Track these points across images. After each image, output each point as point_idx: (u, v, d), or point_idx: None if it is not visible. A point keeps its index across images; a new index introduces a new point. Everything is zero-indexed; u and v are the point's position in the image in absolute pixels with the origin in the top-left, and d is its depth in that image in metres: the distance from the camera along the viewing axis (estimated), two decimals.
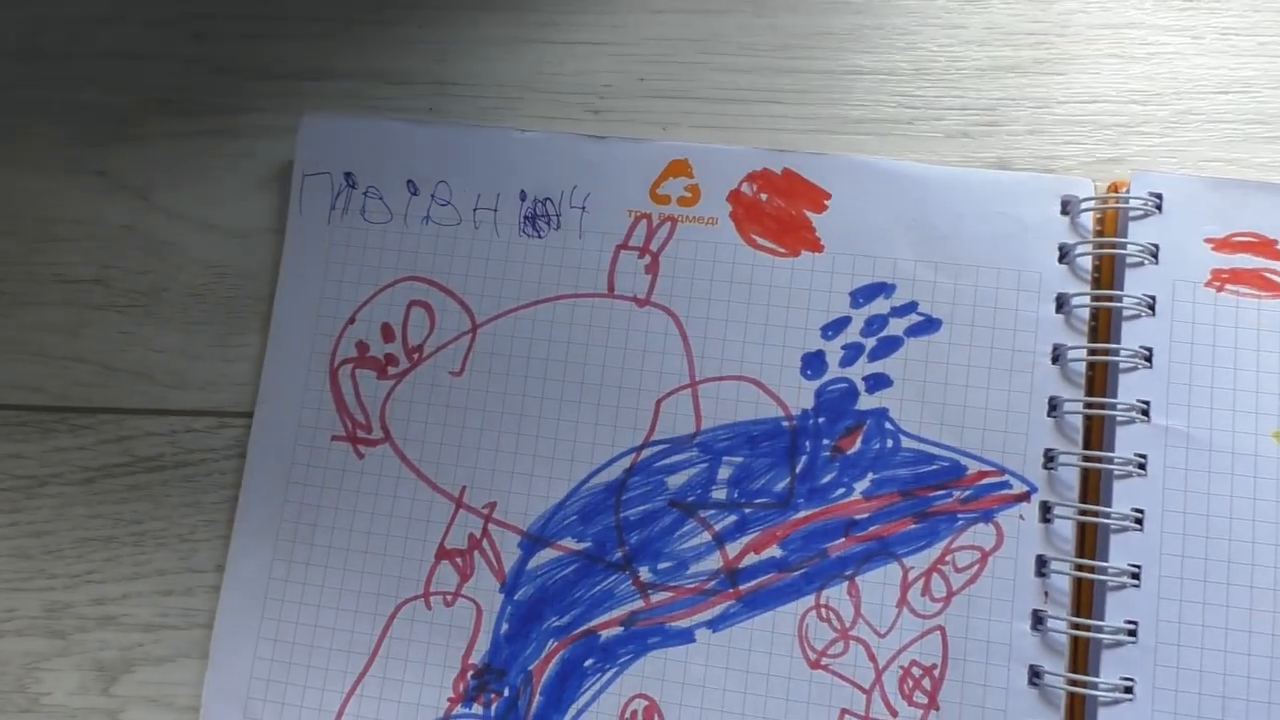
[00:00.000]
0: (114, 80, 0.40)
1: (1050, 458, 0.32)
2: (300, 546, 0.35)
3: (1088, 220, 0.33)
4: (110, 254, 0.39)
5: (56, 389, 0.38)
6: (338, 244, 0.36)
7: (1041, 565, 0.32)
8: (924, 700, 0.32)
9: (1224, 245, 0.32)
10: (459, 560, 0.34)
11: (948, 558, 0.32)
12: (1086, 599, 0.31)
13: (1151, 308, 0.32)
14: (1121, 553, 0.31)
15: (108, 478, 0.37)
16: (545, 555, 0.34)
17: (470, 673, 0.34)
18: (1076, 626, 0.31)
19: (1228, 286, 0.32)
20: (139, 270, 0.39)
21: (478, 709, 0.33)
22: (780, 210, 0.34)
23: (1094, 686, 0.30)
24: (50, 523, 0.37)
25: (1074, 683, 0.31)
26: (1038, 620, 0.31)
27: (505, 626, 0.34)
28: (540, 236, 0.36)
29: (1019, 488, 0.32)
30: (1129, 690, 0.30)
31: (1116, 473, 0.31)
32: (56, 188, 0.39)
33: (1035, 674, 0.31)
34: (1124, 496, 0.31)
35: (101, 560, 0.37)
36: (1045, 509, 0.32)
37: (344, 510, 0.35)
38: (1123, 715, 0.30)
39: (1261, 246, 0.32)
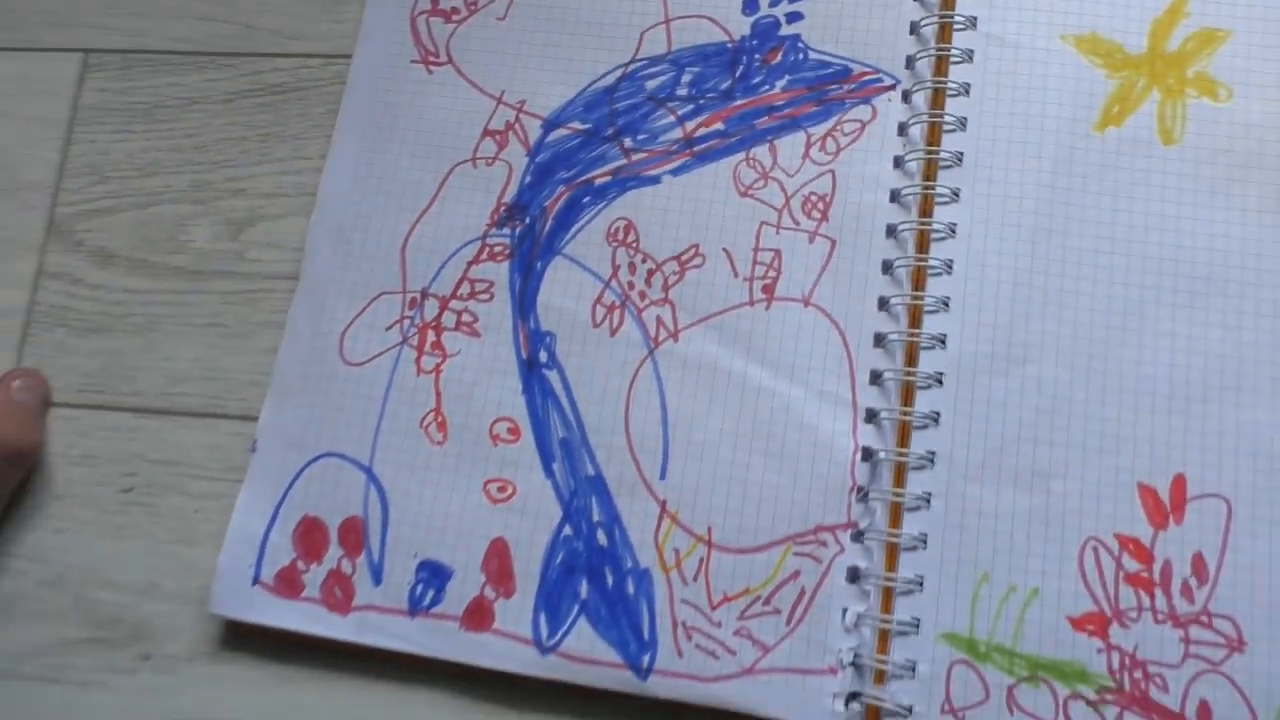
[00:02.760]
0: None
1: (910, 61, 0.46)
2: (383, 132, 0.49)
3: None
4: None
5: (206, 40, 0.53)
6: None
7: (903, 128, 0.46)
8: (818, 215, 0.45)
9: None
10: (498, 137, 0.48)
11: (838, 127, 0.46)
12: (936, 140, 0.45)
13: None
14: (955, 109, 0.45)
15: (243, 99, 0.52)
16: (559, 133, 0.48)
17: (503, 208, 0.47)
18: (929, 158, 0.45)
19: None
20: None
21: (507, 231, 0.47)
22: None
23: (934, 189, 0.44)
24: (198, 129, 0.51)
25: (924, 190, 0.44)
26: (897, 161, 0.45)
27: (529, 178, 0.48)
28: None
29: (889, 81, 0.47)
30: (956, 195, 0.44)
31: (954, 59, 0.46)
32: None
33: (894, 195, 0.45)
34: (958, 75, 0.46)
35: (236, 153, 0.51)
36: (906, 96, 0.46)
37: (416, 108, 0.49)
38: (952, 211, 0.44)
39: None
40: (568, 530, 0.43)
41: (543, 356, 0.45)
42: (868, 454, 0.42)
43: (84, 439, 0.48)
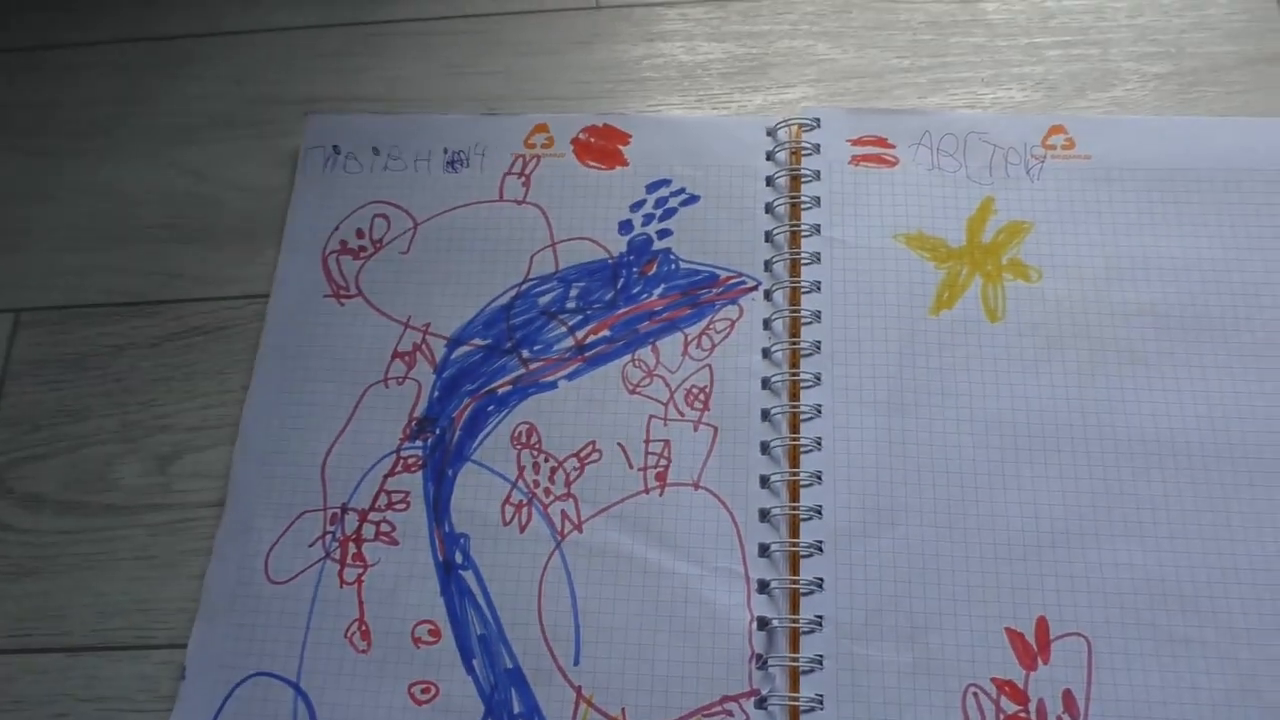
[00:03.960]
0: (184, 109, 0.62)
1: (768, 264, 0.53)
2: (300, 361, 0.53)
3: (785, 136, 0.56)
4: (176, 210, 0.59)
5: (134, 290, 0.57)
6: (328, 186, 0.57)
7: (767, 324, 0.52)
8: (700, 406, 0.50)
9: (858, 142, 0.55)
10: (406, 358, 0.53)
11: (711, 326, 0.52)
12: (796, 333, 0.51)
13: (818, 176, 0.54)
14: (810, 304, 0.51)
15: (168, 341, 0.56)
16: (462, 350, 0.53)
17: (414, 422, 0.51)
18: (792, 348, 0.50)
19: (860, 163, 0.54)
20: (196, 217, 0.58)
21: (419, 443, 0.51)
22: (603, 145, 0.57)
23: (799, 375, 0.50)
24: (127, 372, 0.55)
25: (791, 376, 0.50)
26: (765, 352, 0.51)
27: (436, 393, 0.52)
28: (456, 172, 0.57)
29: (751, 283, 0.53)
30: (818, 380, 0.50)
31: (805, 261, 0.52)
32: (142, 174, 0.60)
33: (765, 382, 0.50)
34: (809, 274, 0.52)
35: (162, 392, 0.55)
36: (767, 294, 0.52)
37: (330, 338, 0.54)
38: (816, 394, 0.49)
39: (878, 142, 0.55)
40: None
41: (458, 558, 0.49)
42: (763, 623, 0.46)
43: (11, 684, 0.49)
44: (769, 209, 0.54)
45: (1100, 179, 0.53)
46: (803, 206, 0.54)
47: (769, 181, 0.55)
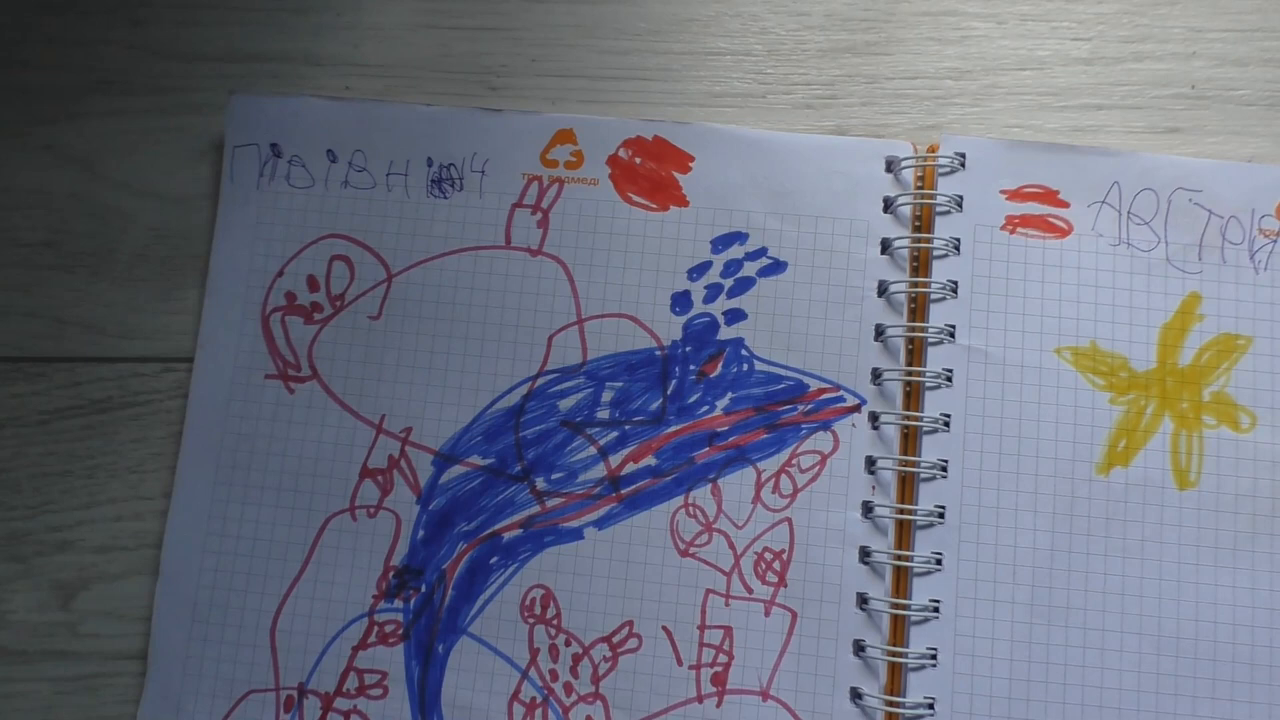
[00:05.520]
0: (60, 63, 0.44)
1: (877, 375, 0.38)
2: (239, 471, 0.40)
3: (909, 176, 0.40)
4: (59, 220, 0.43)
5: (11, 341, 0.43)
6: (266, 206, 0.41)
7: (871, 464, 0.38)
8: (774, 579, 0.38)
9: (1016, 195, 0.39)
10: (380, 478, 0.39)
11: (794, 461, 0.38)
12: (909, 490, 0.38)
13: (957, 248, 0.39)
14: (933, 450, 0.37)
15: (61, 419, 0.42)
16: (455, 471, 0.39)
17: (391, 573, 0.39)
18: (900, 512, 0.37)
19: (1019, 229, 0.39)
20: (86, 234, 0.43)
21: (398, 604, 0.39)
22: (652, 171, 0.40)
23: (911, 559, 0.37)
24: (9, 461, 0.42)
25: (897, 558, 0.37)
26: (868, 509, 0.38)
27: (421, 533, 0.39)
28: (445, 197, 0.41)
29: (852, 401, 0.39)
30: (939, 562, 0.37)
31: (928, 384, 0.38)
32: (9, 162, 0.44)
33: (865, 553, 0.37)
34: (935, 404, 0.38)
35: (58, 492, 0.41)
36: (874, 417, 0.38)
37: (277, 438, 0.40)
38: (934, 583, 0.37)
39: (1046, 196, 0.39)
40: None
41: None
42: None
43: None
44: (883, 292, 0.39)
45: None
46: (934, 297, 0.39)
47: (885, 248, 0.40)
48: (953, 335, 0.38)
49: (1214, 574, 0.36)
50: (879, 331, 0.39)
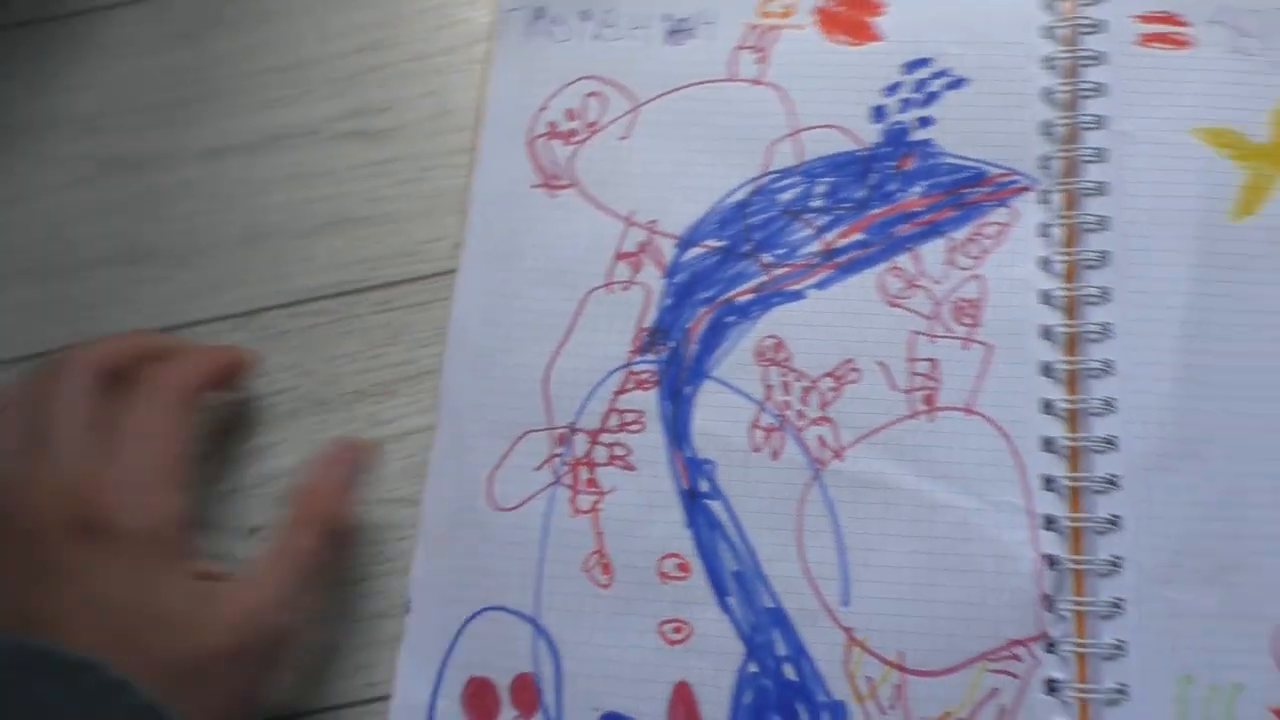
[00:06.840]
0: None
1: (1044, 160, 0.47)
2: (514, 259, 0.48)
3: (1061, 10, 0.49)
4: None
5: None
6: (531, 56, 0.51)
7: (1044, 228, 0.46)
8: (969, 321, 0.45)
9: (1145, 19, 0.48)
10: (632, 259, 0.48)
11: (980, 231, 0.46)
12: (1072, 240, 0.45)
13: (1102, 59, 0.47)
14: (1092, 208, 0.45)
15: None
16: (694, 252, 0.47)
17: (644, 334, 0.47)
18: (1074, 258, 0.45)
19: (1150, 44, 0.47)
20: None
21: (651, 357, 0.46)
22: (850, 15, 0.50)
23: (1077, 290, 0.44)
24: None
25: (1075, 292, 0.44)
26: (1043, 263, 0.45)
27: (668, 301, 0.47)
28: (680, 45, 0.50)
29: (1025, 182, 0.47)
30: (1105, 294, 0.44)
31: (1087, 159, 0.46)
32: None
33: (1044, 297, 0.45)
34: (1093, 174, 0.46)
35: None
36: (1044, 193, 0.46)
37: (544, 234, 0.48)
38: (1103, 310, 0.44)
39: (1170, 19, 0.48)
40: (753, 667, 0.42)
41: (704, 486, 0.44)
42: (1052, 562, 0.42)
43: None
44: (1047, 95, 0.48)
45: None
46: (1084, 95, 0.47)
47: (1047, 63, 0.48)
48: (1104, 123, 0.46)
49: None
50: (1045, 128, 0.47)
